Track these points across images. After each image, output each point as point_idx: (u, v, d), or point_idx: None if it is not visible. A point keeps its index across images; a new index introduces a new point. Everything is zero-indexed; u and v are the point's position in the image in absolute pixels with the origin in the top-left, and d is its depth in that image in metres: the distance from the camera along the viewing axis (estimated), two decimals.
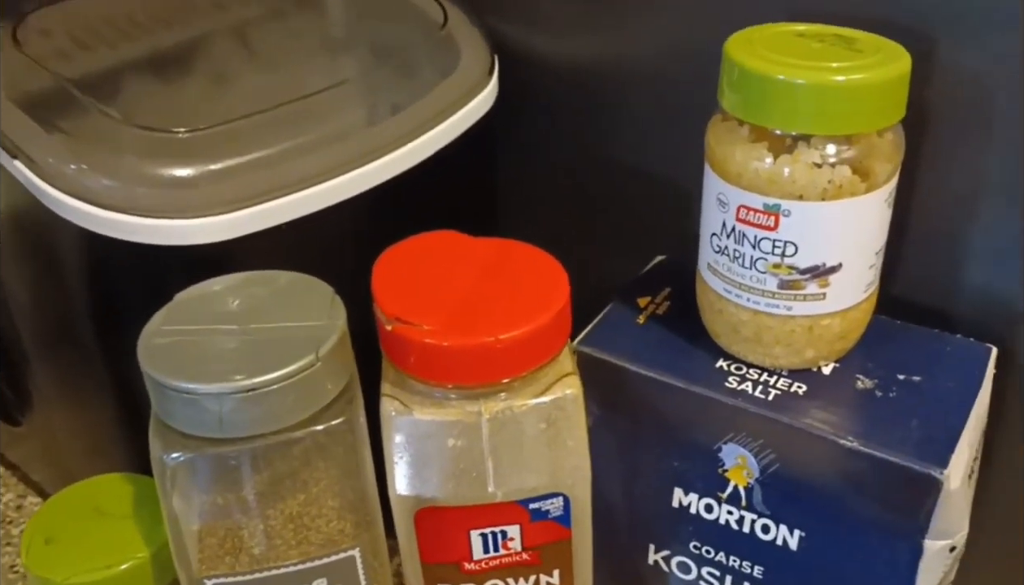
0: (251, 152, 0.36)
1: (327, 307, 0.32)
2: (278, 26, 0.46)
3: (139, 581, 0.35)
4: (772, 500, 0.34)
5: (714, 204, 0.32)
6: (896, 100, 0.29)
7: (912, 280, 0.37)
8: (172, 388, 0.29)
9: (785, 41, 0.30)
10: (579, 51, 0.45)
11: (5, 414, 0.50)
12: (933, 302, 0.37)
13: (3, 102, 0.37)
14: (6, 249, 0.41)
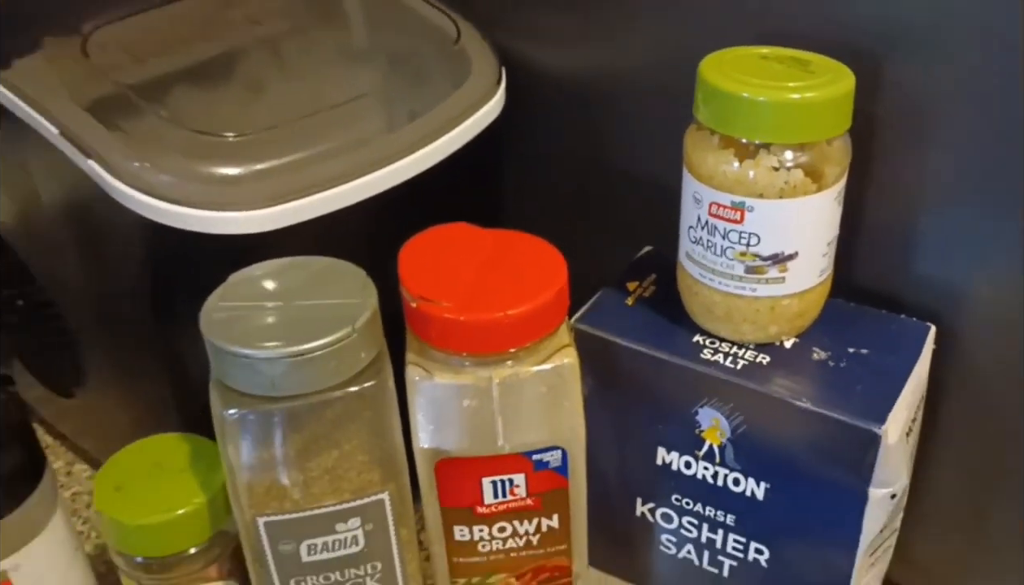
0: (289, 154, 0.41)
1: (360, 287, 0.37)
2: (306, 39, 0.51)
3: (195, 524, 0.40)
4: (741, 457, 0.39)
5: (691, 201, 0.37)
6: (842, 114, 0.35)
7: (865, 267, 0.42)
8: (232, 353, 0.34)
9: (750, 63, 0.35)
10: (577, 64, 0.49)
11: (60, 387, 0.55)
12: (883, 287, 0.42)
13: (75, 108, 0.42)
14: (69, 236, 0.46)
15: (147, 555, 0.40)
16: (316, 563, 0.38)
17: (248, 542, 0.38)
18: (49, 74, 0.43)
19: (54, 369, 0.55)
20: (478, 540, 0.39)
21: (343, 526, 0.37)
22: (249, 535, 0.37)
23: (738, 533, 0.41)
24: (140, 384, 0.48)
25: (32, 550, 0.40)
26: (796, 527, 0.39)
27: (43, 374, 0.56)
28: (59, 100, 0.42)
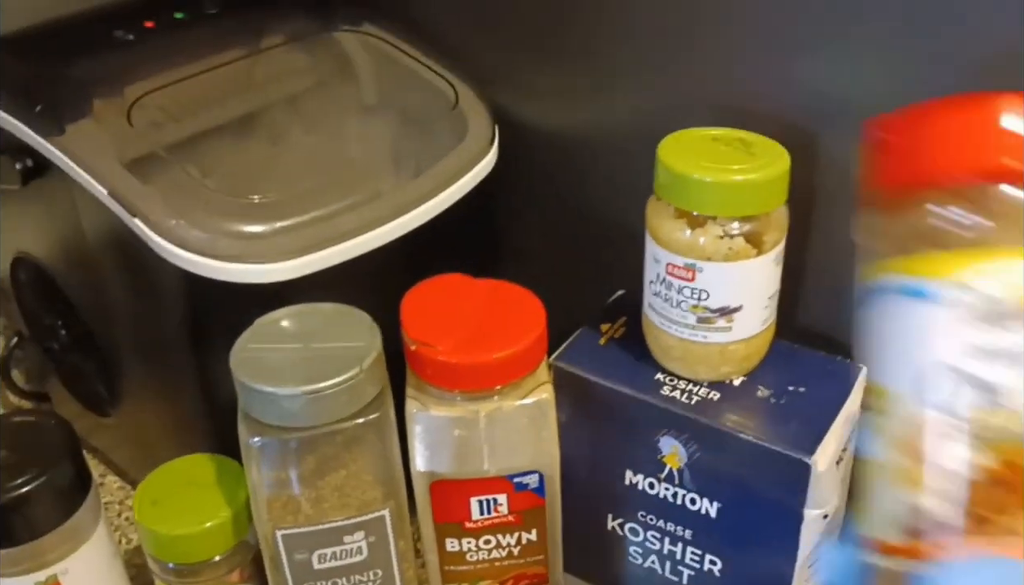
0: (307, 213, 0.46)
1: (366, 331, 0.42)
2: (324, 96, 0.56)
3: (220, 535, 0.45)
4: (697, 480, 0.44)
5: (651, 260, 0.43)
6: (778, 191, 0.40)
7: (807, 313, 0.48)
8: (257, 390, 0.40)
9: (702, 145, 0.41)
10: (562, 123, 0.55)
11: (96, 407, 0.61)
12: (822, 330, 0.48)
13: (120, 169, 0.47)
14: (111, 277, 0.52)
15: (178, 562, 0.46)
16: (325, 570, 0.44)
17: (267, 551, 0.44)
18: (97, 137, 0.49)
19: (90, 390, 0.61)
20: (467, 551, 0.45)
21: (349, 538, 0.43)
22: (268, 545, 0.43)
23: (695, 546, 0.46)
24: (172, 408, 0.54)
25: (79, 556, 0.46)
26: (744, 541, 0.45)
27: (80, 395, 0.62)
28: (106, 162, 0.48)
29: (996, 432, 0.21)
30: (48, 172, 0.50)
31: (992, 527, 0.21)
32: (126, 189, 0.47)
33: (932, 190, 0.22)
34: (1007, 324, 0.21)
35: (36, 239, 0.57)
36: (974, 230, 0.22)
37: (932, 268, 0.22)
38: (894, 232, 0.22)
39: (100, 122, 0.50)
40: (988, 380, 0.21)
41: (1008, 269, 0.21)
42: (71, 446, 0.46)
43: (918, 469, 0.22)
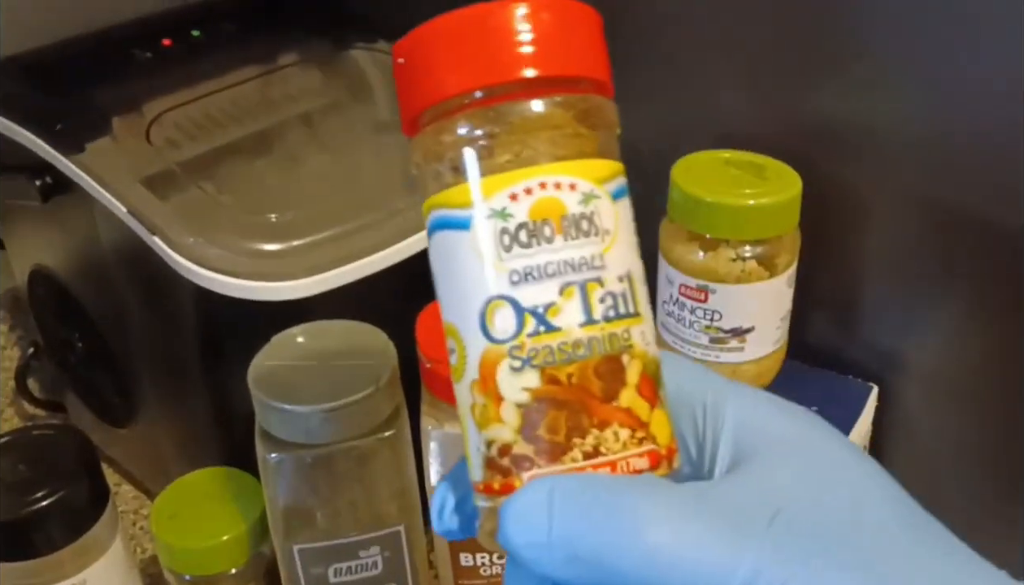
0: (324, 231, 0.47)
1: (382, 348, 0.43)
2: (337, 114, 0.57)
3: (236, 548, 0.46)
4: None
5: (664, 281, 0.44)
6: (790, 215, 0.41)
7: (819, 334, 0.48)
8: (275, 407, 0.41)
9: (714, 168, 0.42)
10: None
11: (111, 419, 0.61)
12: (833, 351, 0.48)
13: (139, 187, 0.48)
14: (129, 291, 0.53)
15: (195, 573, 0.47)
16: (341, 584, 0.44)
17: (284, 566, 0.44)
18: (116, 156, 0.50)
19: (105, 403, 0.61)
20: (480, 565, 0.45)
21: (365, 553, 0.44)
22: (285, 560, 0.44)
23: None
24: (186, 422, 0.55)
25: (97, 569, 0.46)
26: None
27: (95, 406, 0.63)
28: (125, 180, 0.48)
29: (554, 355, 0.21)
30: (68, 189, 0.51)
31: (563, 451, 0.21)
32: (145, 207, 0.47)
33: (448, 112, 0.22)
34: (542, 243, 0.22)
35: (54, 254, 0.58)
36: (497, 151, 0.22)
37: (462, 197, 0.22)
38: (426, 162, 0.22)
39: (119, 140, 0.51)
40: (535, 303, 0.21)
41: (530, 186, 0.22)
42: (89, 461, 0.47)
43: (492, 405, 0.22)
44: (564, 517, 0.20)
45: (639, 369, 0.22)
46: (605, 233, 0.22)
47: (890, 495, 0.22)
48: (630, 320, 0.22)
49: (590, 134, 0.23)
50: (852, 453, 0.23)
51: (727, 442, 0.23)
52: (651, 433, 0.22)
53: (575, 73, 0.23)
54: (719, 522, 0.20)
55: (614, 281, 0.22)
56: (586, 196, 0.22)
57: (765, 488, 0.21)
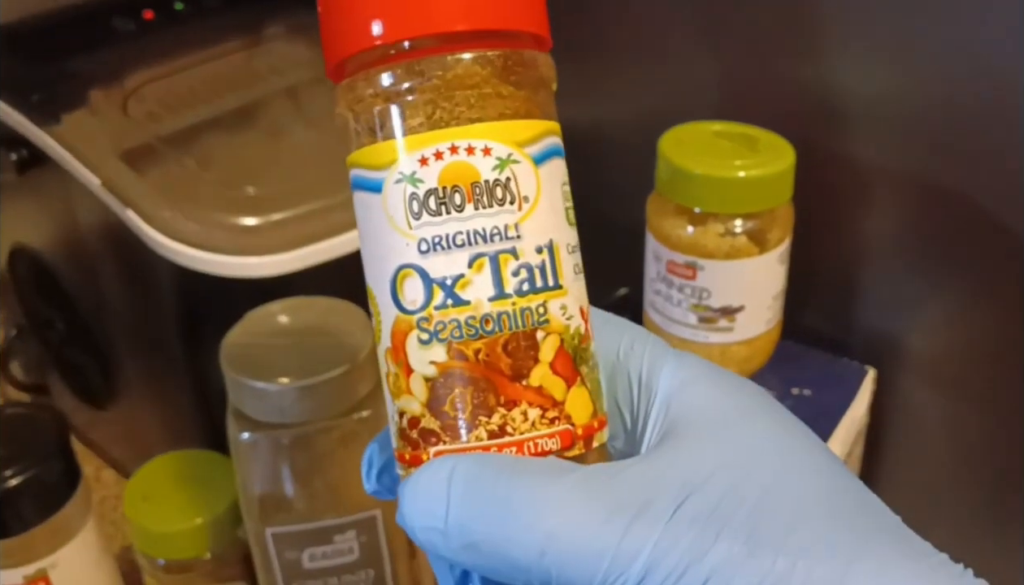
0: (302, 206, 0.46)
1: (360, 326, 0.42)
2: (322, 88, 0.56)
3: (211, 532, 0.45)
4: None
5: (652, 257, 0.42)
6: (782, 188, 0.40)
7: (814, 314, 0.47)
8: (247, 385, 0.40)
9: (704, 140, 0.40)
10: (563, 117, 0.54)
11: (92, 400, 0.60)
12: (829, 332, 0.47)
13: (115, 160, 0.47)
14: (106, 269, 0.52)
15: (168, 558, 0.46)
16: (316, 569, 0.43)
17: (257, 550, 0.43)
18: (93, 128, 0.48)
19: (87, 384, 0.60)
20: None
21: (340, 537, 0.42)
22: (258, 544, 0.43)
23: None
24: (166, 402, 0.54)
25: (68, 551, 0.45)
26: None
27: (77, 387, 0.62)
28: (101, 152, 0.47)
29: (461, 329, 0.20)
30: (44, 163, 0.49)
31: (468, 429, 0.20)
32: (120, 180, 0.46)
33: (365, 65, 0.20)
34: (452, 212, 0.20)
35: (33, 231, 0.56)
36: (409, 111, 0.20)
37: (379, 156, 0.20)
38: (352, 115, 0.21)
39: (96, 113, 0.49)
40: (443, 275, 0.20)
41: (440, 149, 0.20)
42: (62, 441, 0.45)
43: (403, 376, 0.21)
44: (461, 503, 0.19)
45: (555, 345, 0.21)
46: (523, 200, 0.21)
47: (815, 471, 0.20)
48: (548, 293, 0.21)
49: (514, 93, 0.21)
50: (785, 428, 0.21)
51: (655, 416, 0.22)
52: (565, 412, 0.21)
53: (493, 26, 0.21)
54: (620, 510, 0.19)
55: (531, 252, 0.20)
56: (502, 161, 0.21)
57: (678, 470, 0.20)
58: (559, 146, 0.22)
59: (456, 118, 0.20)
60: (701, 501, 0.19)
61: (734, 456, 0.20)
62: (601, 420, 0.22)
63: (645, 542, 0.19)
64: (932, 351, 0.44)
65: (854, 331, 0.46)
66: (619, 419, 0.23)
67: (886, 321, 0.45)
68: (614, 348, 0.23)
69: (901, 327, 0.44)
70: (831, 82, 0.42)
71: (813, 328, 0.47)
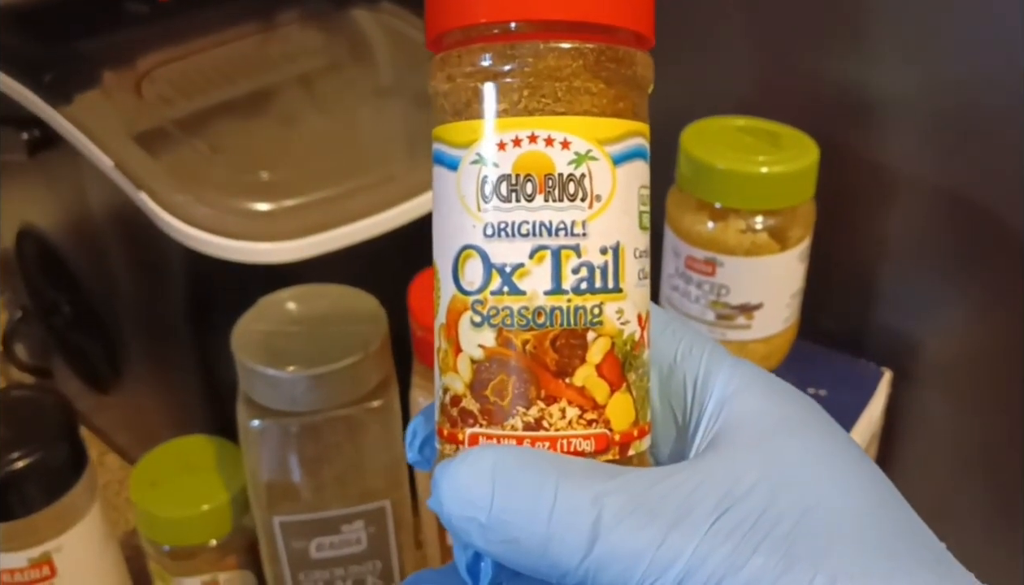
0: (316, 192, 0.45)
1: (373, 315, 0.42)
2: (337, 76, 0.56)
3: (217, 519, 0.44)
4: None
5: (670, 252, 0.42)
6: (805, 185, 0.39)
7: (832, 314, 0.46)
8: (258, 372, 0.39)
9: (726, 134, 0.40)
10: None
11: (97, 384, 0.60)
12: (847, 332, 0.46)
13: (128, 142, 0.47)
14: (116, 252, 0.51)
15: (173, 544, 0.45)
16: (323, 560, 0.42)
17: (264, 538, 0.43)
18: (106, 109, 0.48)
19: (92, 367, 0.60)
20: None
21: (348, 527, 0.42)
22: (265, 532, 0.42)
23: None
24: (173, 387, 0.53)
25: (73, 534, 0.45)
26: None
27: (82, 371, 0.61)
28: (114, 134, 0.47)
29: (513, 318, 0.20)
30: (55, 144, 0.49)
31: (505, 417, 0.20)
32: (133, 162, 0.46)
33: (460, 42, 0.20)
34: (521, 200, 0.20)
35: (42, 212, 0.56)
36: (497, 95, 0.20)
37: (460, 134, 0.20)
38: (442, 90, 0.20)
39: (109, 94, 0.49)
40: (504, 261, 0.20)
41: (519, 137, 0.20)
42: (68, 424, 0.45)
43: (452, 353, 0.21)
44: (504, 497, 0.19)
45: (605, 348, 0.21)
46: (595, 199, 0.20)
47: (861, 489, 0.20)
48: (606, 295, 0.20)
49: (604, 89, 0.21)
50: (834, 444, 0.21)
51: (707, 422, 0.22)
52: (605, 417, 0.21)
53: (591, 18, 0.20)
54: (661, 516, 0.19)
55: (595, 252, 0.20)
56: (579, 156, 0.20)
57: (721, 480, 0.20)
58: (644, 148, 0.21)
59: (541, 108, 0.20)
60: (741, 513, 0.19)
61: (778, 469, 0.20)
62: (642, 429, 0.22)
63: (683, 550, 0.19)
64: (949, 354, 0.43)
65: (871, 332, 0.45)
66: (672, 422, 0.23)
67: (904, 323, 0.44)
68: (672, 350, 0.23)
69: (919, 329, 0.44)
70: (856, 80, 0.41)
71: (830, 328, 0.46)
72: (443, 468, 0.20)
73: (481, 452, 0.20)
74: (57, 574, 0.44)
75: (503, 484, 0.19)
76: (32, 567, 0.43)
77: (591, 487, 0.19)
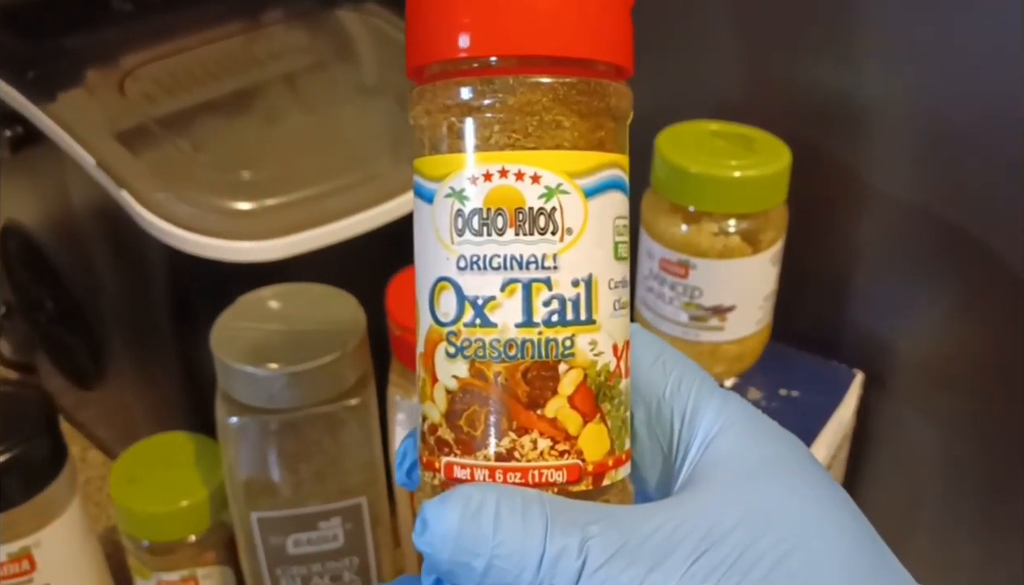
0: (297, 192, 0.46)
1: (351, 314, 0.42)
2: (321, 75, 0.56)
3: (196, 515, 0.45)
4: None
5: (644, 254, 0.42)
6: (777, 189, 0.40)
7: (807, 318, 0.47)
8: (237, 369, 0.40)
9: (700, 139, 0.40)
10: None
11: (79, 380, 0.60)
12: (820, 334, 0.47)
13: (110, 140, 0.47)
14: (98, 249, 0.51)
15: (152, 540, 0.46)
16: (300, 555, 0.43)
17: (241, 534, 0.43)
18: (89, 107, 0.48)
19: (75, 364, 0.60)
20: None
21: (325, 524, 0.42)
22: (243, 528, 0.43)
23: None
24: (154, 384, 0.53)
25: (53, 530, 0.45)
26: None
27: (65, 367, 0.61)
28: (96, 132, 0.47)
29: (485, 350, 0.20)
30: (38, 141, 0.49)
31: (477, 448, 0.21)
32: (115, 160, 0.46)
33: (447, 75, 0.20)
34: (492, 234, 0.20)
35: (26, 209, 0.56)
36: (468, 130, 0.20)
37: (434, 168, 0.21)
38: (419, 123, 0.21)
39: (93, 92, 0.49)
40: (476, 293, 0.21)
41: (490, 171, 0.20)
42: (49, 419, 0.45)
43: (429, 382, 0.21)
44: (498, 545, 0.20)
45: (577, 380, 0.21)
46: (567, 232, 0.21)
47: (838, 531, 0.21)
48: (578, 327, 0.21)
49: (577, 123, 0.21)
50: (813, 485, 0.21)
51: (692, 458, 0.22)
52: (577, 447, 0.21)
53: (563, 52, 0.20)
54: (641, 557, 0.20)
55: (566, 284, 0.21)
56: (550, 190, 0.20)
57: (701, 520, 0.20)
58: (620, 179, 0.22)
59: (512, 143, 0.20)
60: (720, 554, 0.20)
61: (757, 510, 0.20)
62: (618, 458, 0.22)
63: None
64: (921, 356, 0.44)
65: (844, 334, 0.46)
66: (660, 454, 0.23)
67: (876, 325, 0.45)
68: (661, 385, 0.23)
69: (891, 332, 0.44)
70: (831, 86, 0.42)
71: (803, 330, 0.47)
72: (433, 510, 0.20)
73: (468, 493, 0.20)
74: (37, 569, 0.44)
75: (495, 530, 0.20)
76: (11, 561, 0.44)
77: (577, 532, 0.20)
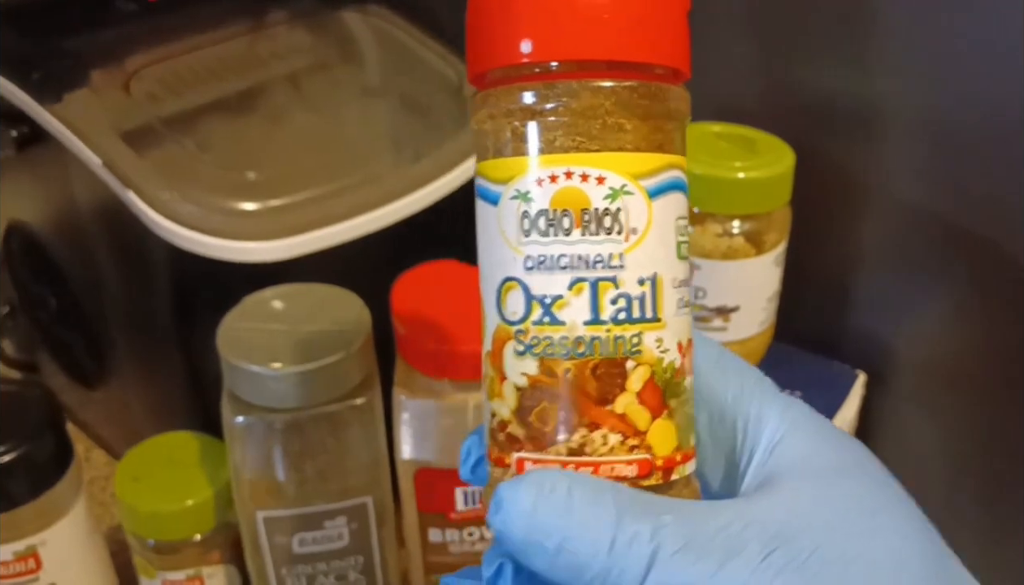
0: (302, 192, 0.46)
1: (356, 314, 0.42)
2: (325, 76, 0.56)
3: (201, 514, 0.45)
4: None
5: None
6: (780, 191, 0.40)
7: (810, 319, 0.47)
8: (243, 369, 0.40)
9: (704, 140, 0.41)
10: None
11: (83, 379, 0.60)
12: (822, 335, 0.47)
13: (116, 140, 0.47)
14: (102, 248, 0.52)
15: (158, 539, 0.46)
16: (306, 555, 0.43)
17: (247, 533, 0.43)
18: (94, 107, 0.48)
19: (79, 363, 0.60)
20: (450, 542, 0.44)
21: (331, 523, 0.43)
22: (249, 527, 0.43)
23: None
24: (158, 383, 0.54)
25: (58, 529, 0.45)
26: None
27: (68, 367, 0.62)
28: (102, 132, 0.47)
29: (554, 348, 0.21)
30: (43, 140, 0.49)
31: (549, 443, 0.21)
32: (121, 160, 0.46)
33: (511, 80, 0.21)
34: (559, 234, 0.21)
35: (30, 208, 0.56)
36: (534, 133, 0.21)
37: (500, 171, 0.21)
38: (483, 128, 0.21)
39: (98, 92, 0.49)
40: (543, 292, 0.21)
41: (556, 173, 0.21)
42: (54, 419, 0.45)
43: (498, 380, 0.22)
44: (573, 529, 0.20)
45: (644, 376, 0.21)
46: (631, 232, 0.21)
47: (903, 536, 0.21)
48: (644, 325, 0.21)
49: (639, 125, 0.21)
50: (879, 489, 0.22)
51: (757, 462, 0.23)
52: (647, 442, 0.21)
53: (623, 57, 0.21)
54: (715, 550, 0.20)
55: (632, 283, 0.21)
56: (614, 191, 0.21)
57: (771, 519, 0.21)
58: (680, 180, 0.22)
59: (576, 146, 0.21)
60: (789, 553, 0.20)
61: (824, 514, 0.21)
62: (686, 454, 0.22)
63: (734, 582, 0.20)
64: (924, 356, 0.44)
65: (846, 335, 0.46)
66: (723, 459, 0.24)
67: (879, 326, 0.45)
68: (724, 391, 0.24)
69: (894, 333, 0.45)
70: (831, 88, 0.42)
71: (806, 331, 0.47)
72: (509, 489, 0.21)
73: (546, 477, 0.21)
74: (43, 568, 0.45)
75: (568, 511, 0.20)
76: (17, 560, 0.44)
77: (650, 520, 0.20)
